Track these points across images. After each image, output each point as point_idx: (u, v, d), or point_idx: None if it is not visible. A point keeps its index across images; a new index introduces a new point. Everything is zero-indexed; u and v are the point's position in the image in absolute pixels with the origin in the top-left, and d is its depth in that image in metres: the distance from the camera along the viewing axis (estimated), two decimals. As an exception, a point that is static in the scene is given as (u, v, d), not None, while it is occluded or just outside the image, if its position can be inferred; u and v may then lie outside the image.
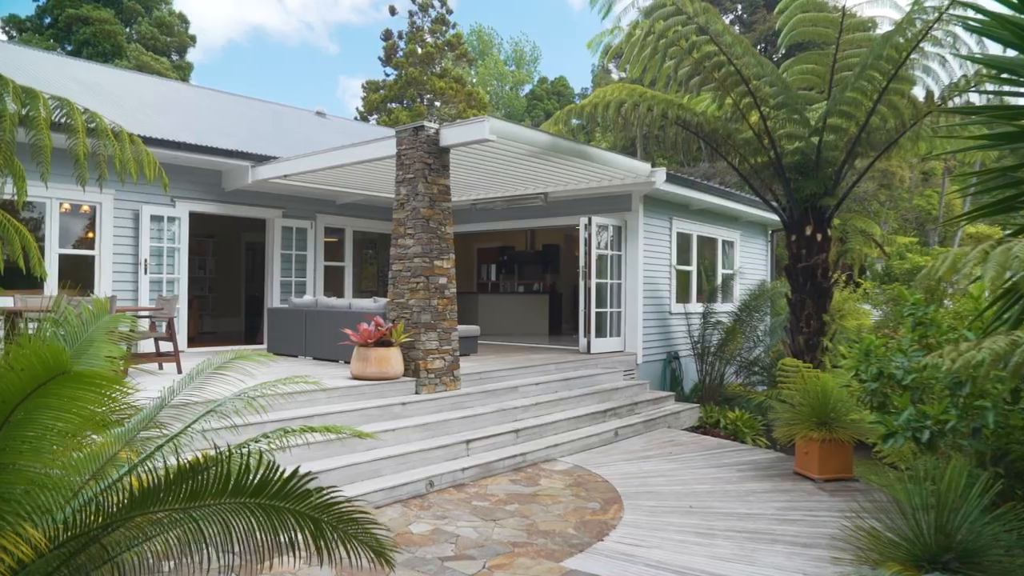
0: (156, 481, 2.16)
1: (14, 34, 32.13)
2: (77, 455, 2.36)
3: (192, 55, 67.08)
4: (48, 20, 32.06)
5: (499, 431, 7.92)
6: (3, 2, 62.76)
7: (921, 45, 7.66)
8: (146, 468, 2.38)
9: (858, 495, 6.66)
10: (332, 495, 2.17)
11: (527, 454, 7.75)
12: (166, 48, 33.85)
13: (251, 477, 2.10)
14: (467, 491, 6.73)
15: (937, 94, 8.37)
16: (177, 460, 2.25)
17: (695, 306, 13.29)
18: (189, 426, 2.71)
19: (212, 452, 2.53)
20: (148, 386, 5.18)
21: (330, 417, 6.94)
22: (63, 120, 4.25)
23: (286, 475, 2.10)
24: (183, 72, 33.60)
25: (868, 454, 8.02)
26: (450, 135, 8.40)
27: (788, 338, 9.68)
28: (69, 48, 30.39)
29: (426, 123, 8.39)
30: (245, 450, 2.62)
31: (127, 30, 32.60)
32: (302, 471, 5.90)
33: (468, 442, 7.47)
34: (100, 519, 2.22)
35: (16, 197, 4.32)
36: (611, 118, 9.08)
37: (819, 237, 9.25)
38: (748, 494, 6.76)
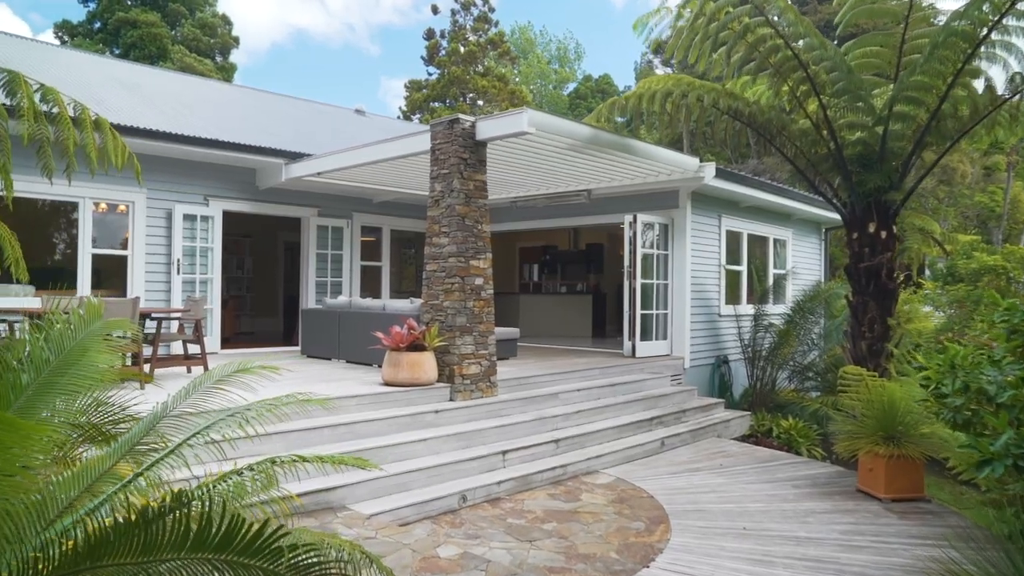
0: (104, 532, 1.76)
1: (66, 39, 32.73)
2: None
3: (238, 58, 67.98)
4: (98, 24, 32.59)
5: (538, 441, 7.47)
6: (56, 8, 64.55)
7: (1004, 22, 6.96)
8: (99, 515, 1.99)
9: (931, 518, 6.06)
10: (312, 553, 1.75)
11: (567, 466, 7.29)
12: (209, 50, 34.13)
13: (214, 529, 1.70)
14: (502, 506, 6.30)
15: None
16: (127, 508, 1.85)
17: (745, 308, 12.68)
18: (154, 465, 2.32)
19: (187, 489, 2.14)
20: (164, 391, 4.86)
21: (357, 426, 6.58)
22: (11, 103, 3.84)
23: (255, 528, 1.69)
24: (226, 73, 33.83)
25: (939, 470, 7.38)
26: (486, 128, 7.99)
27: (849, 343, 9.01)
28: (117, 52, 30.81)
29: (461, 116, 7.98)
30: (226, 484, 2.22)
31: (172, 32, 32.96)
32: (324, 485, 5.56)
33: (504, 453, 7.04)
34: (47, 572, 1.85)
35: (3, 192, 4.02)
36: (656, 111, 8.54)
37: (883, 235, 8.56)
38: (807, 514, 6.21)
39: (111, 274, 10.35)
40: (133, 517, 1.81)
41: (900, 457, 6.44)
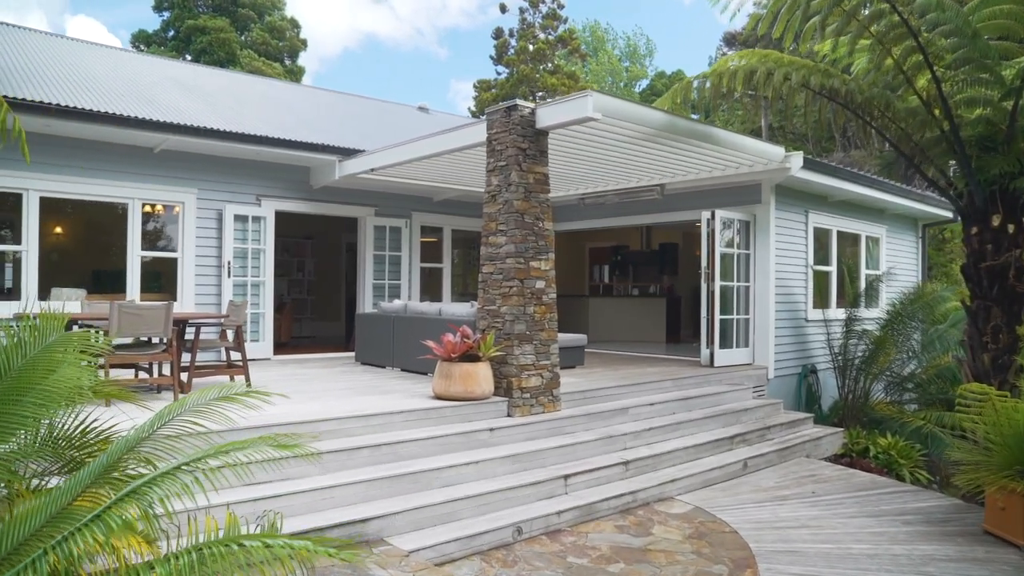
0: None
1: (142, 47, 33.53)
2: None
3: (310, 64, 69.24)
4: (171, 33, 33.30)
5: (605, 463, 6.65)
6: (141, 24, 68.06)
7: None
8: None
9: (1088, 574, 5.00)
10: None
11: (637, 492, 6.45)
12: (278, 53, 34.38)
13: None
14: (562, 540, 5.53)
15: None
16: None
17: (836, 312, 11.54)
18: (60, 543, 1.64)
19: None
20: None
21: (400, 447, 5.90)
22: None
23: None
24: (295, 76, 33.99)
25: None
26: (547, 115, 7.23)
27: (967, 355, 7.84)
28: (188, 58, 31.33)
29: (520, 102, 7.23)
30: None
31: (241, 37, 33.36)
32: (359, 515, 4.88)
33: (566, 477, 6.25)
34: None
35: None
36: (739, 91, 7.59)
37: (1011, 228, 7.36)
38: (926, 562, 5.22)
39: (166, 277, 10.02)
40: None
41: (1043, 495, 5.37)
